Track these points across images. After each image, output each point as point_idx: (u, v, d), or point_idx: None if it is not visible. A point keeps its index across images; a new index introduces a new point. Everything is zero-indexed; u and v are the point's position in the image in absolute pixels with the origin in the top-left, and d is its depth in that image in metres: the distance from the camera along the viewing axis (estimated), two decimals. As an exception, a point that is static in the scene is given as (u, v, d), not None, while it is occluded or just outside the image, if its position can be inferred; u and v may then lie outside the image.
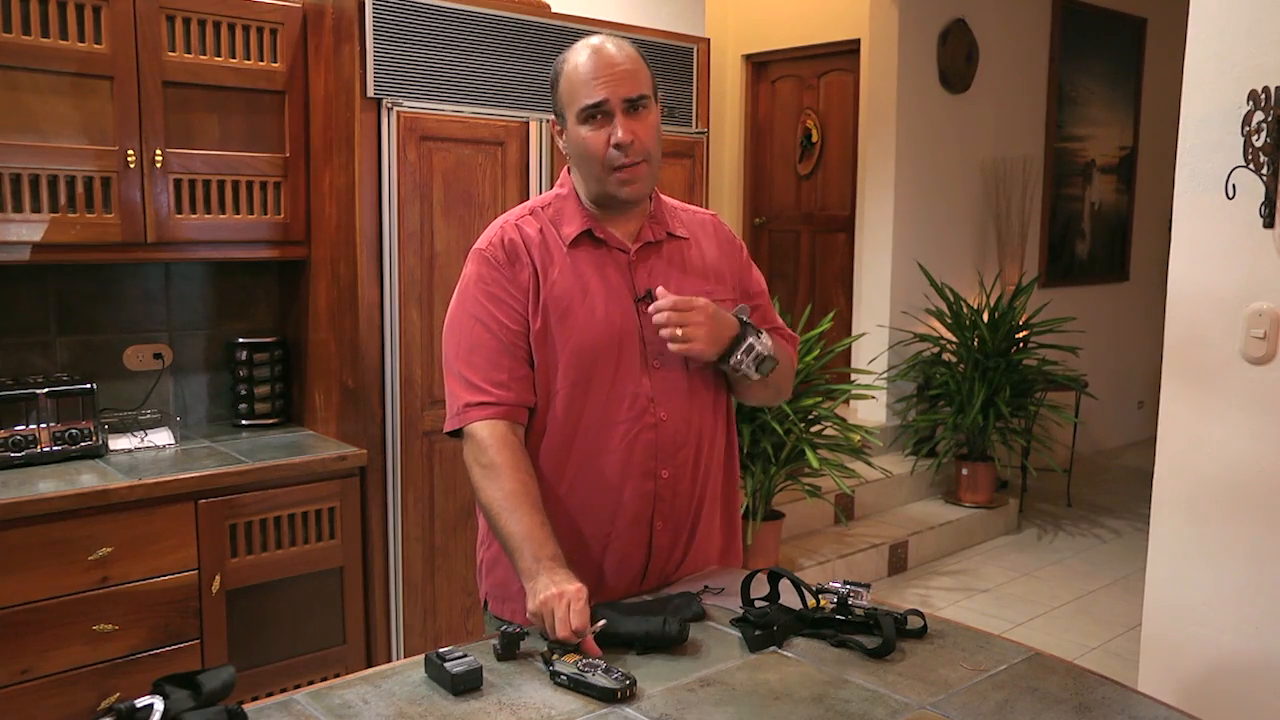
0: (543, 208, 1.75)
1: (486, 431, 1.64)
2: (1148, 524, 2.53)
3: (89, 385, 2.72)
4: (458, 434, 1.70)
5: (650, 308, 1.64)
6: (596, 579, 1.72)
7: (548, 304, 1.68)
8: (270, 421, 3.11)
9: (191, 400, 3.12)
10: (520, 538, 1.56)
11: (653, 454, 1.69)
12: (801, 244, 6.26)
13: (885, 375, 5.35)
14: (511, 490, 1.60)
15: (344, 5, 2.75)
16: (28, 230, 2.52)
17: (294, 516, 2.73)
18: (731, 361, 1.69)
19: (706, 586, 1.71)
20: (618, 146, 1.63)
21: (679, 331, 1.61)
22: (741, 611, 1.58)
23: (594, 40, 1.67)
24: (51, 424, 2.64)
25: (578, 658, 1.41)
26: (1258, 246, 2.27)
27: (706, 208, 2.36)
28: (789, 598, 1.61)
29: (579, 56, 1.65)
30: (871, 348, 5.44)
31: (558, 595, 1.46)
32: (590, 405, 1.67)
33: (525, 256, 1.69)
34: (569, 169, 1.76)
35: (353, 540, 2.84)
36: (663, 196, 1.82)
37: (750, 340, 1.69)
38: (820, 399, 4.19)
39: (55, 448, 2.62)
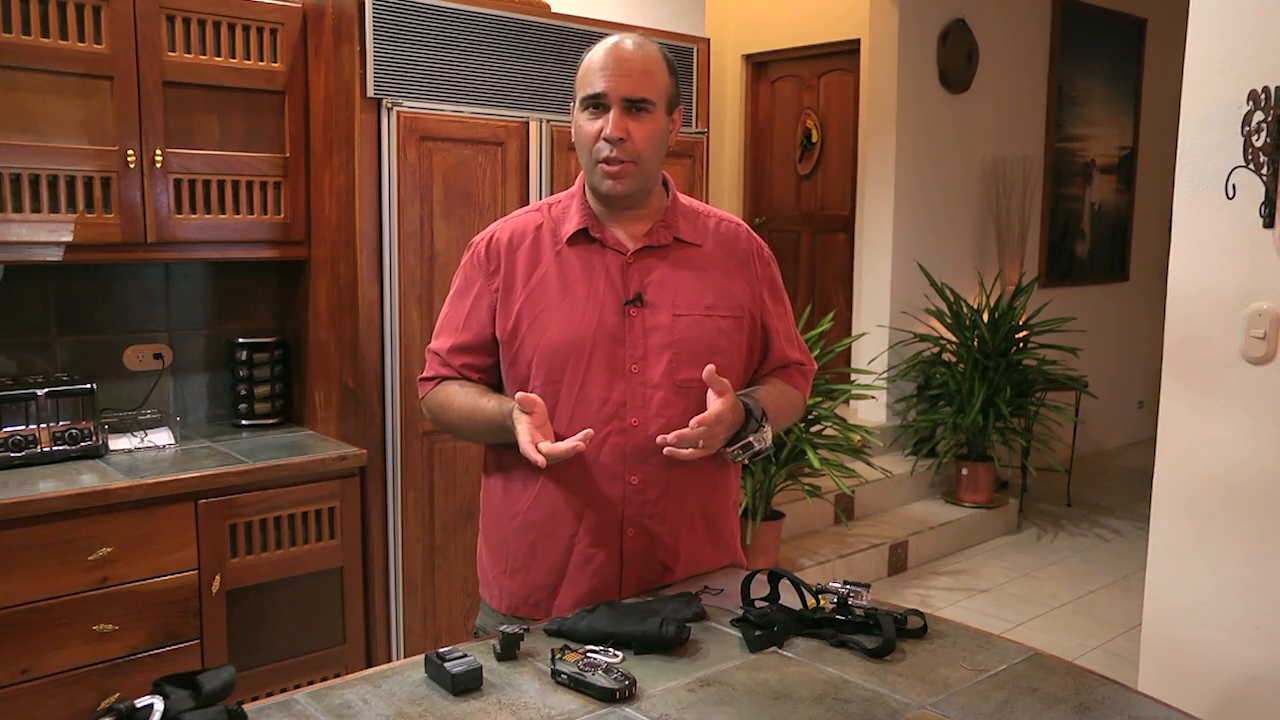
0: (550, 206, 1.79)
1: (431, 393, 1.81)
2: (1148, 524, 2.53)
3: (89, 385, 2.72)
4: None
5: (679, 436, 1.57)
6: (565, 580, 1.71)
7: (525, 303, 1.70)
8: (270, 421, 3.11)
9: (191, 400, 3.12)
10: (489, 424, 1.69)
11: (620, 458, 1.67)
12: (801, 244, 6.26)
13: (885, 375, 5.35)
14: (462, 403, 1.74)
15: (344, 5, 2.75)
16: (28, 230, 2.52)
17: (294, 516, 2.73)
18: (726, 450, 1.68)
19: (706, 587, 1.71)
20: (606, 140, 1.65)
21: (701, 442, 1.58)
22: (741, 611, 1.58)
23: (620, 36, 1.69)
24: (51, 424, 2.64)
25: (578, 657, 1.42)
26: (1258, 246, 2.27)
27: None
28: (789, 598, 1.61)
29: (600, 47, 1.68)
30: (871, 348, 5.44)
31: (527, 442, 1.57)
32: (560, 405, 1.67)
33: (503, 260, 1.73)
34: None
35: (353, 540, 2.84)
36: (684, 200, 1.80)
37: (749, 439, 1.67)
38: (820, 399, 4.19)
39: (55, 448, 2.62)
